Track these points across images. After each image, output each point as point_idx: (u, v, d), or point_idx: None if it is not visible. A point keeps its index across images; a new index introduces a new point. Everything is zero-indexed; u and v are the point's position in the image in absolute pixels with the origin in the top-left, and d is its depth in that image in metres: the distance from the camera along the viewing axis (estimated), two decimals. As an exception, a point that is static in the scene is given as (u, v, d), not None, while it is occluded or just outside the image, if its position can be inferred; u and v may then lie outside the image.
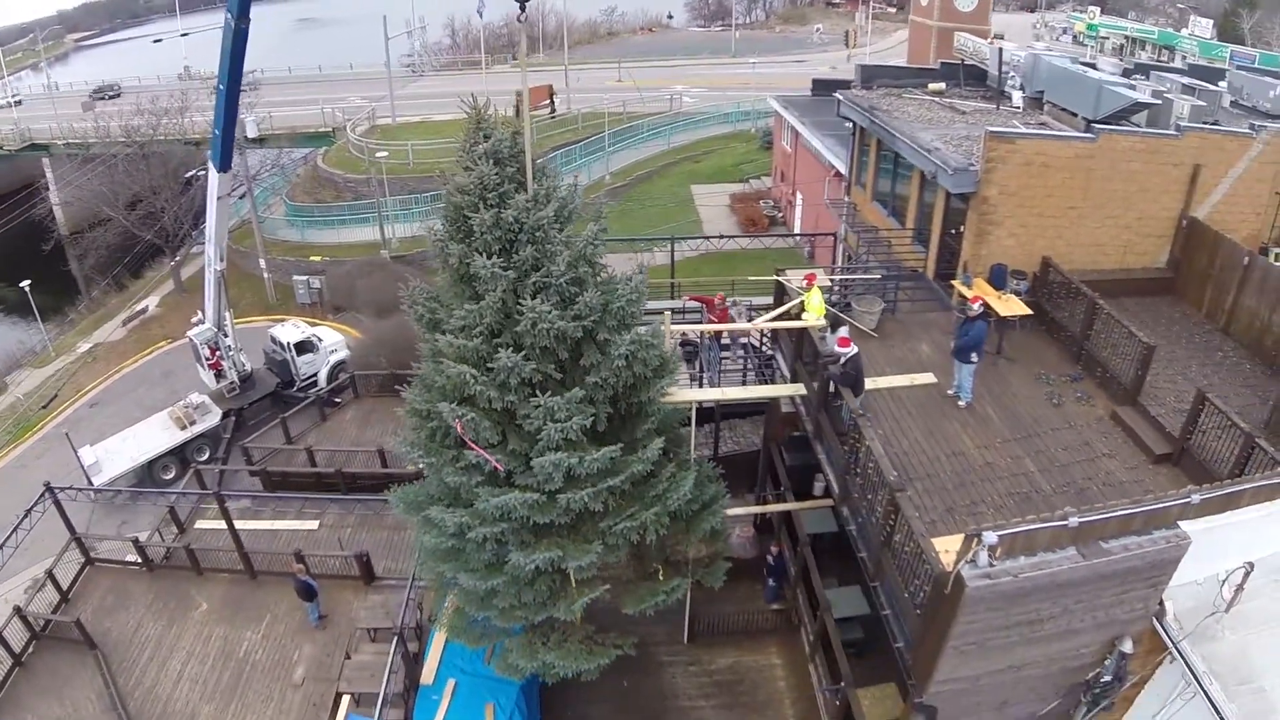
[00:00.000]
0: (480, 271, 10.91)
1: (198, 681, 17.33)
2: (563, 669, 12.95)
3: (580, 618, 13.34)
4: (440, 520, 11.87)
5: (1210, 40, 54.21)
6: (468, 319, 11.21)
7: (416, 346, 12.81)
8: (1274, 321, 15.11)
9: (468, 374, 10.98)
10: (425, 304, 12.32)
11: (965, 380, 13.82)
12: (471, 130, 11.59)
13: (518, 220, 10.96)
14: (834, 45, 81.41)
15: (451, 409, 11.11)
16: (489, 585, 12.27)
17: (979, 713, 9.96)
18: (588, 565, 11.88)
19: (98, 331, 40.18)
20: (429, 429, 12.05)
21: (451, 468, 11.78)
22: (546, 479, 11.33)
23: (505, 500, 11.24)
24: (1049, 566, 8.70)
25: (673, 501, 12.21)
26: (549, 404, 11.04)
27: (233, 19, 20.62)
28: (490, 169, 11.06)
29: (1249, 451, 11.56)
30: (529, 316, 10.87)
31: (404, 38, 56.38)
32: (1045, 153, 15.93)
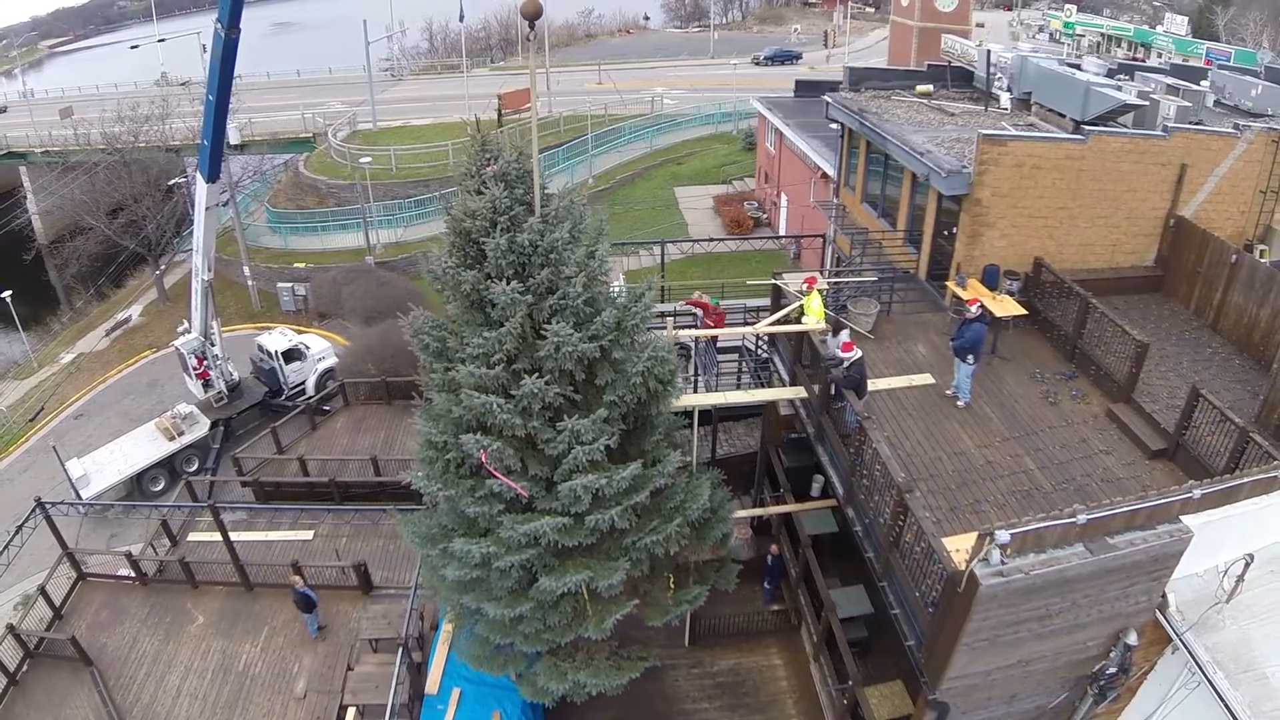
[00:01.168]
0: (499, 298, 10.73)
1: (197, 696, 17.13)
2: (595, 687, 12.85)
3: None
4: (465, 552, 11.59)
5: (1185, 37, 55.13)
6: (486, 347, 11.00)
7: (419, 369, 12.61)
8: (1262, 317, 15.43)
9: (494, 404, 10.79)
10: (432, 333, 11.97)
11: (964, 380, 14.01)
12: (476, 153, 11.46)
13: (532, 243, 10.83)
14: (812, 45, 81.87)
15: (476, 440, 10.92)
16: (516, 612, 12.06)
17: (989, 707, 10.13)
18: (616, 583, 11.83)
19: (80, 342, 39.74)
20: (444, 461, 11.76)
21: (470, 498, 11.60)
22: (573, 501, 11.22)
23: (536, 526, 11.08)
24: (1058, 563, 8.88)
25: (693, 511, 12.25)
26: (575, 427, 10.93)
27: (223, 29, 20.43)
28: (501, 192, 10.92)
29: (1243, 446, 11.82)
30: (552, 340, 10.75)
31: (382, 42, 55.91)
32: (1036, 154, 16.18)
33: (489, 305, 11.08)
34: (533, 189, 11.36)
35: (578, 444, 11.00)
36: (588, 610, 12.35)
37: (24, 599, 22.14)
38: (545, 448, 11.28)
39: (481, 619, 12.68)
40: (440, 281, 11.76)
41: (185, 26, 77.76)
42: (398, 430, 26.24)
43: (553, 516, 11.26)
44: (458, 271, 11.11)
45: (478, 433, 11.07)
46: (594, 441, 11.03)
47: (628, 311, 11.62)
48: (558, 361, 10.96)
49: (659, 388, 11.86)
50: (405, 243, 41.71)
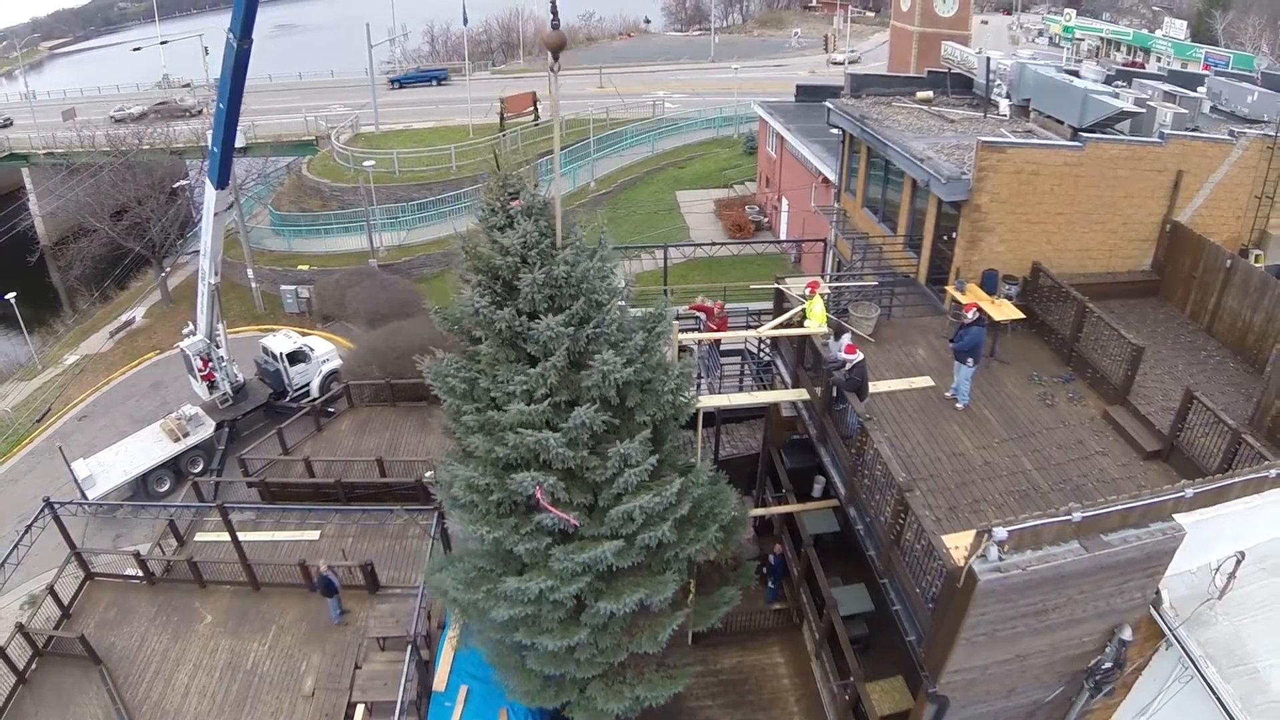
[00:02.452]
0: (542, 334, 10.66)
1: (206, 694, 17.28)
2: (652, 699, 12.87)
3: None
4: (519, 591, 11.38)
5: (1184, 41, 55.42)
6: (530, 383, 10.88)
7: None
8: (1256, 322, 15.71)
9: (550, 439, 10.70)
10: (458, 375, 11.55)
11: (963, 383, 14.28)
12: (497, 190, 11.24)
13: (566, 275, 10.82)
14: (812, 49, 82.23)
15: (532, 477, 10.82)
16: (573, 640, 11.92)
17: (988, 700, 10.39)
18: (669, 596, 11.95)
19: (84, 343, 39.91)
20: (488, 503, 11.53)
21: (516, 536, 11.39)
22: (623, 523, 11.28)
23: (596, 554, 11.08)
24: (1054, 559, 9.15)
25: (724, 516, 12.44)
26: (624, 450, 10.98)
27: (235, 40, 20.58)
28: (532, 227, 10.88)
29: (1236, 447, 12.11)
30: (599, 369, 10.78)
31: (384, 45, 56.20)
32: (1035, 161, 16.47)
33: (523, 341, 10.96)
34: (552, 220, 11.28)
35: (627, 467, 11.03)
36: (637, 627, 12.36)
37: (30, 599, 22.38)
38: (588, 475, 11.22)
39: (532, 653, 12.48)
40: (461, 324, 11.55)
41: (186, 28, 78.19)
42: (403, 432, 26.45)
43: (604, 541, 11.25)
44: (491, 311, 10.88)
45: (530, 469, 10.94)
46: (643, 463, 11.11)
47: (651, 333, 11.75)
48: (601, 390, 10.95)
49: (682, 403, 12.05)
50: (408, 245, 41.99)
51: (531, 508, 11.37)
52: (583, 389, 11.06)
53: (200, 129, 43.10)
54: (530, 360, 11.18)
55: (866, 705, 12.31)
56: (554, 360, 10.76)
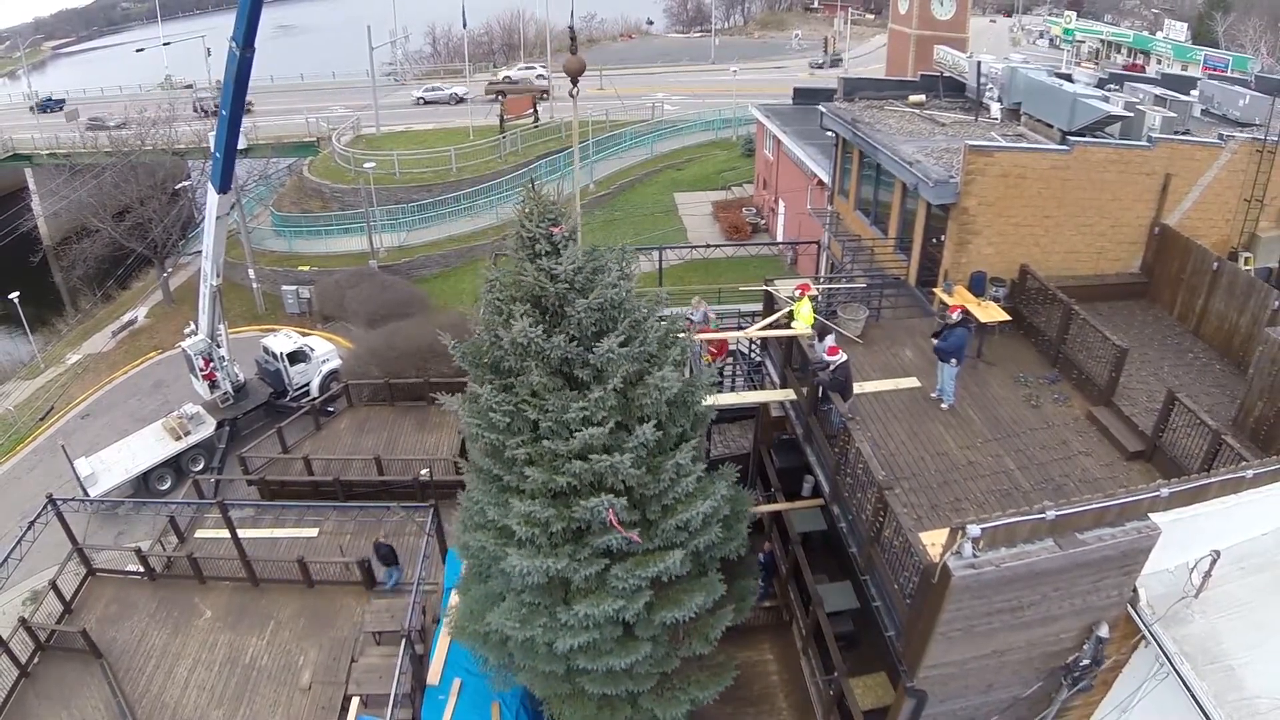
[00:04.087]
0: (601, 358, 10.69)
1: (205, 688, 17.57)
2: (706, 698, 12.94)
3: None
4: (586, 617, 11.21)
5: (1184, 44, 55.45)
6: (590, 409, 10.78)
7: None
8: (1241, 324, 15.86)
9: (623, 461, 10.66)
10: (502, 410, 11.17)
11: (948, 383, 14.45)
12: (537, 216, 11.07)
13: (613, 299, 10.92)
14: (812, 51, 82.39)
15: (604, 501, 10.73)
16: (638, 655, 11.82)
17: (966, 695, 10.55)
18: (719, 597, 12.06)
19: (86, 343, 40.24)
20: (548, 535, 11.27)
21: (572, 562, 11.22)
22: (677, 532, 11.35)
23: (666, 565, 11.11)
24: (1028, 556, 9.29)
25: (744, 512, 12.64)
26: (678, 462, 11.07)
27: (237, 49, 20.84)
28: (579, 254, 10.90)
29: (1216, 448, 12.25)
30: (659, 386, 10.88)
31: (385, 47, 56.54)
32: (1022, 164, 16.64)
33: (571, 367, 10.96)
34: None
35: (681, 477, 11.14)
36: (683, 632, 12.42)
37: (33, 594, 22.55)
38: (641, 490, 11.22)
39: (588, 677, 12.24)
40: (486, 357, 11.48)
41: (189, 29, 78.61)
42: (401, 431, 26.75)
43: (662, 553, 11.25)
44: (543, 340, 10.73)
45: (592, 494, 10.88)
46: (694, 472, 11.26)
47: (679, 346, 11.90)
48: (655, 407, 11.03)
49: (703, 411, 12.27)
50: (408, 246, 42.29)
51: (582, 532, 11.31)
52: (634, 407, 11.07)
53: (202, 130, 43.28)
54: (573, 385, 11.09)
55: (850, 700, 12.47)
56: (613, 384, 10.71)
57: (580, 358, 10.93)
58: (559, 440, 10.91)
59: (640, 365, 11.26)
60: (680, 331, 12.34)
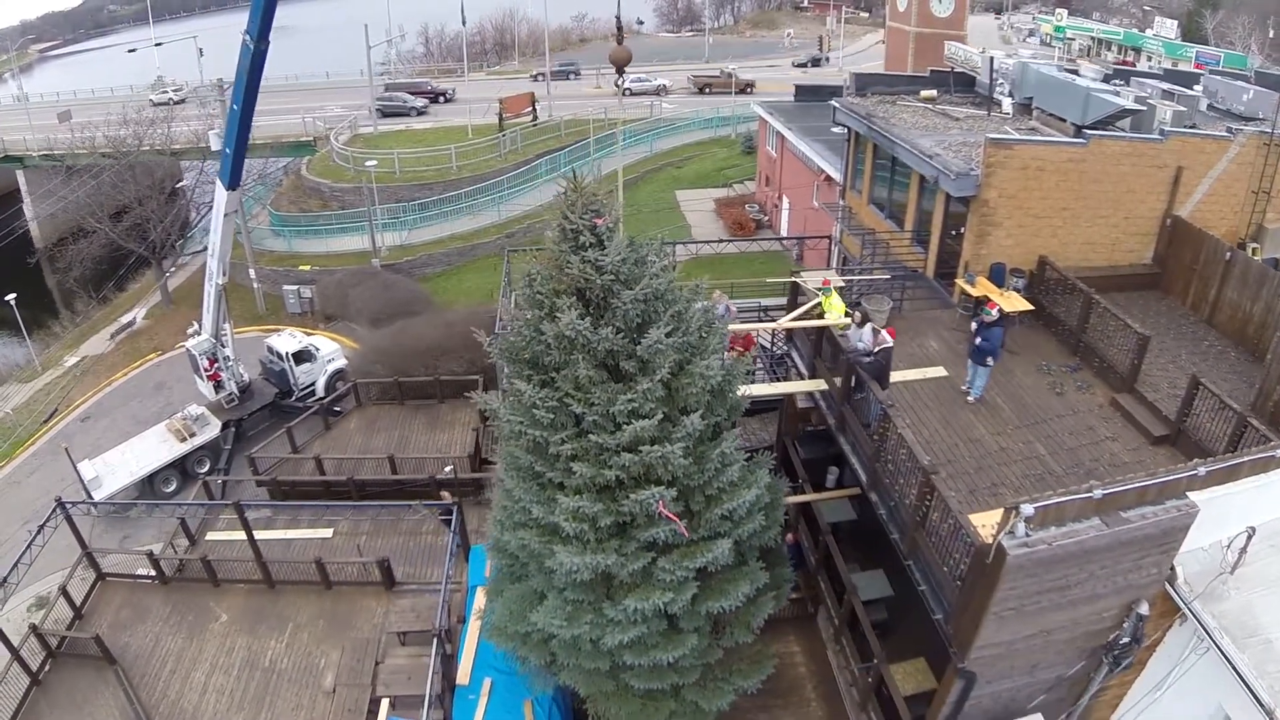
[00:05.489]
0: (649, 350, 10.66)
1: (224, 692, 17.16)
2: (749, 686, 12.99)
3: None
4: (636, 610, 11.17)
5: (1175, 41, 56.12)
6: (637, 402, 10.70)
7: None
8: (1255, 312, 16.18)
9: (673, 452, 10.63)
10: (546, 406, 11.05)
11: (980, 380, 14.66)
12: (579, 208, 10.97)
13: (657, 291, 10.94)
14: (804, 49, 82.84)
15: (660, 492, 10.71)
16: (686, 648, 11.78)
17: (1012, 676, 10.75)
18: (762, 585, 12.12)
19: (84, 345, 39.87)
20: (596, 531, 11.23)
21: (619, 557, 11.19)
22: (721, 521, 11.37)
23: (714, 555, 11.11)
24: (1077, 535, 9.51)
25: (780, 501, 12.71)
26: (725, 450, 11.12)
27: (251, 41, 20.69)
28: (624, 245, 10.90)
29: (1241, 430, 12.52)
30: (703, 375, 10.92)
31: (379, 47, 56.41)
32: (1040, 157, 16.90)
33: (620, 359, 10.91)
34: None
35: (726, 466, 11.18)
36: (724, 622, 12.43)
37: (37, 600, 22.03)
38: (687, 481, 11.23)
39: (634, 673, 12.14)
40: (525, 352, 11.44)
41: (178, 30, 78.14)
42: (412, 430, 26.65)
43: (708, 543, 11.25)
44: (591, 332, 10.64)
45: (641, 487, 10.86)
46: (738, 460, 11.31)
47: (717, 334, 11.95)
48: (699, 396, 11.04)
49: (739, 400, 12.34)
50: (410, 245, 42.23)
51: (625, 526, 11.28)
52: (677, 398, 11.08)
53: (200, 130, 43.03)
54: (615, 378, 11.05)
55: (890, 686, 12.60)
56: (661, 375, 10.70)
57: (626, 350, 10.87)
58: (605, 434, 10.83)
59: (684, 355, 11.29)
60: (717, 320, 12.37)
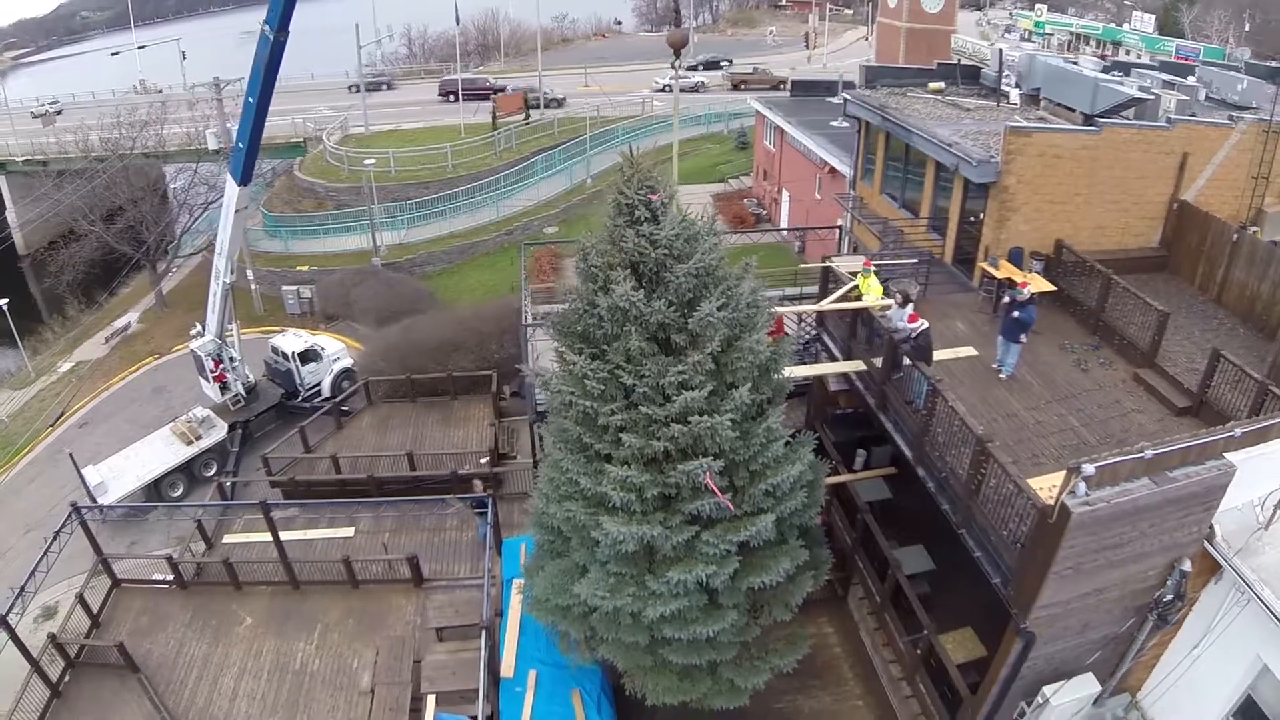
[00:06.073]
0: (700, 323, 10.93)
1: (255, 697, 16.80)
2: (785, 665, 13.20)
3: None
4: (679, 583, 11.37)
5: (1153, 35, 57.37)
6: (687, 373, 10.92)
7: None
8: (1263, 290, 16.88)
9: (722, 423, 10.82)
10: (600, 379, 11.29)
11: (1011, 357, 15.21)
12: (636, 183, 11.16)
13: (709, 267, 11.16)
14: (788, 47, 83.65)
15: (708, 464, 10.89)
16: (725, 623, 11.95)
17: (1065, 637, 11.26)
18: (802, 562, 12.33)
19: (78, 350, 39.42)
20: (642, 502, 11.42)
21: (663, 529, 11.35)
22: (765, 497, 11.59)
23: (757, 529, 11.30)
24: (1131, 494, 10.05)
25: (820, 480, 13.02)
26: (770, 425, 11.29)
27: (270, 31, 20.52)
28: (678, 220, 11.11)
29: (1263, 399, 13.14)
30: (753, 349, 11.18)
31: (362, 48, 56.47)
32: (1056, 144, 17.50)
33: (671, 331, 11.13)
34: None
35: (771, 441, 11.39)
36: (763, 600, 12.61)
37: (44, 611, 21.42)
38: (733, 455, 11.43)
39: (672, 648, 12.38)
40: (579, 325, 11.65)
41: (154, 36, 77.47)
42: (426, 426, 26.70)
43: (751, 518, 11.46)
44: (644, 304, 10.89)
45: (695, 458, 11.04)
46: (784, 436, 11.53)
47: (764, 311, 12.20)
48: (747, 371, 11.26)
49: (783, 379, 12.63)
50: (409, 244, 42.27)
51: (670, 499, 11.46)
52: (726, 372, 11.29)
53: (192, 132, 42.73)
54: (666, 351, 11.27)
55: (942, 655, 13.04)
56: (711, 348, 10.92)
57: (677, 323, 11.14)
58: (654, 405, 11.09)
59: (733, 330, 11.54)
60: (765, 298, 12.60)
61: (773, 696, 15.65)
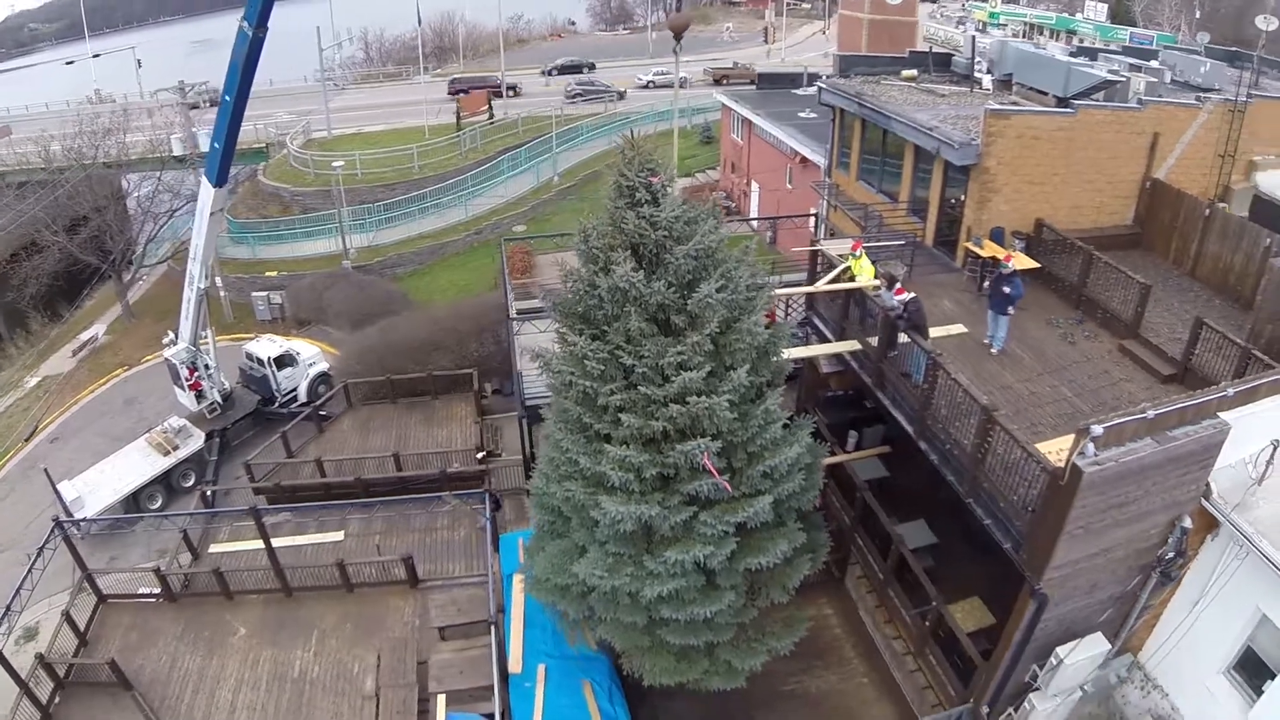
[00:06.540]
0: (699, 304, 11.02)
1: (255, 709, 16.49)
2: (782, 648, 13.33)
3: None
4: (676, 563, 11.44)
5: (1106, 24, 58.74)
6: (686, 354, 10.98)
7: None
8: (1236, 262, 17.47)
9: (719, 404, 10.88)
10: (600, 359, 11.37)
11: (1001, 330, 15.57)
12: (636, 165, 11.30)
13: (708, 248, 11.27)
14: (745, 43, 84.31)
15: (705, 444, 10.95)
16: (722, 604, 12.06)
17: (1075, 597, 11.61)
18: (798, 544, 12.43)
19: (45, 365, 38.43)
20: (641, 481, 11.47)
21: (661, 509, 11.42)
22: (762, 479, 11.68)
23: (754, 510, 11.38)
24: (1136, 453, 10.42)
25: (819, 464, 13.20)
26: (768, 408, 11.38)
27: (249, 27, 20.25)
28: (678, 202, 11.22)
29: (1245, 363, 13.62)
30: (750, 331, 11.29)
31: (318, 53, 55.76)
32: (1034, 126, 17.94)
33: (670, 313, 11.22)
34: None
35: (769, 423, 11.50)
36: (760, 582, 12.71)
37: (25, 632, 20.81)
38: (730, 437, 11.51)
39: (669, 628, 12.48)
40: (578, 306, 11.72)
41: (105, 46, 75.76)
42: (408, 427, 26.54)
43: (749, 500, 11.55)
44: (643, 285, 10.96)
45: (693, 438, 11.11)
46: (781, 418, 11.64)
47: (764, 294, 12.38)
48: (746, 353, 11.37)
49: (783, 362, 12.81)
50: (378, 246, 41.91)
51: (669, 480, 11.55)
52: (724, 354, 11.40)
53: (155, 139, 41.78)
54: (665, 332, 11.36)
55: (953, 625, 13.32)
56: (709, 329, 11.02)
57: (676, 304, 11.25)
58: (653, 386, 11.20)
59: (732, 313, 11.64)
60: (765, 282, 12.73)
61: (779, 679, 15.81)
